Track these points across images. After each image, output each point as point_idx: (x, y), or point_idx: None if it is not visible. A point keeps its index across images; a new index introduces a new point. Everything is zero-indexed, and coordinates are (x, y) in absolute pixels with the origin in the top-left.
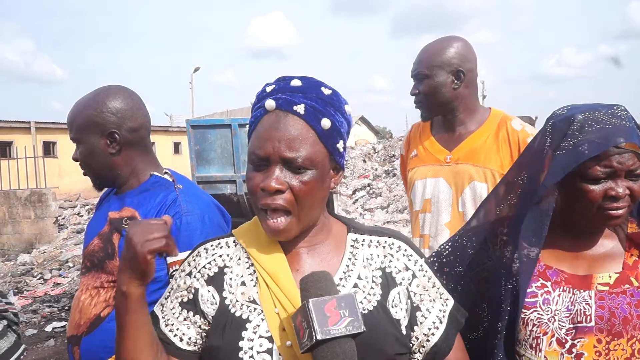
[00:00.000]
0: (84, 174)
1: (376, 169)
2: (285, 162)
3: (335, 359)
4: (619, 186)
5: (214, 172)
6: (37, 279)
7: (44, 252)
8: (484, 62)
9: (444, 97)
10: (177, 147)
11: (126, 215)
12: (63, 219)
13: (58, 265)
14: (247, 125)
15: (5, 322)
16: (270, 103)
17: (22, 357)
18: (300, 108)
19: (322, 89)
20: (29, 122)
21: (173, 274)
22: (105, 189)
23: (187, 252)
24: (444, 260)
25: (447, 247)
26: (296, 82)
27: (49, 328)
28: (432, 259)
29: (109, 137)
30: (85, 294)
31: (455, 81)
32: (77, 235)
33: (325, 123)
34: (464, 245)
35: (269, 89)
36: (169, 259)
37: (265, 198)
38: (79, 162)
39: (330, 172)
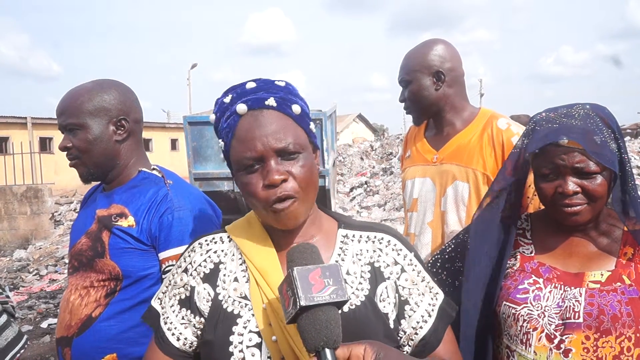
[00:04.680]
0: (73, 165)
1: (373, 167)
2: (279, 153)
3: (319, 326)
4: (568, 183)
5: (211, 169)
6: (33, 275)
7: (40, 248)
8: (481, 60)
9: (427, 99)
10: (174, 144)
11: (115, 212)
12: (59, 215)
13: (54, 261)
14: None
15: (5, 315)
16: (241, 107)
17: (25, 346)
18: (271, 101)
19: (276, 82)
20: (25, 118)
21: (166, 269)
22: (90, 188)
23: (181, 247)
24: (447, 256)
25: (451, 243)
26: (251, 85)
27: (44, 324)
28: (437, 256)
29: (117, 124)
30: (74, 294)
31: (437, 82)
32: None
33: (296, 108)
34: (464, 241)
35: (227, 100)
36: (161, 255)
37: (274, 193)
38: (72, 150)
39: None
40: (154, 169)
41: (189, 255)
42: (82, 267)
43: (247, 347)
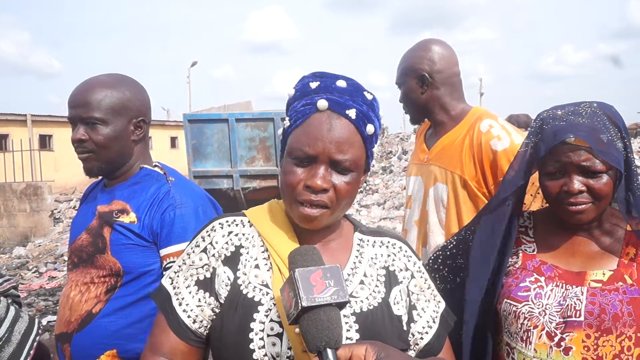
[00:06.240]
0: (84, 158)
1: (373, 165)
2: (332, 164)
3: (320, 326)
4: (573, 182)
5: (211, 167)
6: (33, 273)
7: (40, 246)
8: (482, 59)
9: (414, 103)
10: (173, 142)
11: (116, 208)
12: (59, 212)
13: (53, 258)
14: (285, 118)
15: (13, 309)
16: (323, 103)
17: (39, 331)
18: (352, 113)
19: (365, 93)
20: (25, 115)
21: (167, 266)
22: (90, 184)
23: (182, 244)
24: (448, 253)
25: (452, 240)
26: (341, 83)
27: (44, 321)
28: (438, 252)
29: (136, 124)
30: (74, 290)
31: (422, 86)
32: None
33: (370, 129)
34: (467, 238)
35: (313, 85)
36: (163, 252)
37: (308, 195)
38: (87, 143)
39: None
40: (155, 165)
41: (209, 235)
42: (82, 263)
43: (268, 335)
